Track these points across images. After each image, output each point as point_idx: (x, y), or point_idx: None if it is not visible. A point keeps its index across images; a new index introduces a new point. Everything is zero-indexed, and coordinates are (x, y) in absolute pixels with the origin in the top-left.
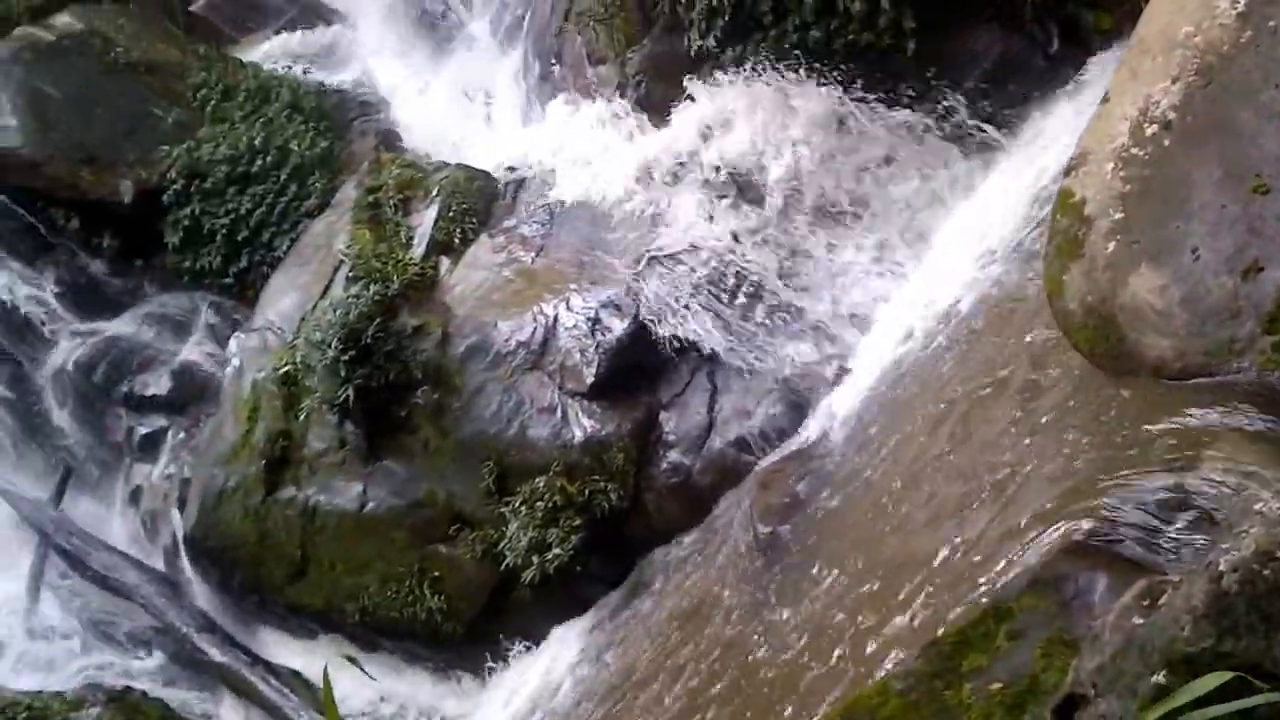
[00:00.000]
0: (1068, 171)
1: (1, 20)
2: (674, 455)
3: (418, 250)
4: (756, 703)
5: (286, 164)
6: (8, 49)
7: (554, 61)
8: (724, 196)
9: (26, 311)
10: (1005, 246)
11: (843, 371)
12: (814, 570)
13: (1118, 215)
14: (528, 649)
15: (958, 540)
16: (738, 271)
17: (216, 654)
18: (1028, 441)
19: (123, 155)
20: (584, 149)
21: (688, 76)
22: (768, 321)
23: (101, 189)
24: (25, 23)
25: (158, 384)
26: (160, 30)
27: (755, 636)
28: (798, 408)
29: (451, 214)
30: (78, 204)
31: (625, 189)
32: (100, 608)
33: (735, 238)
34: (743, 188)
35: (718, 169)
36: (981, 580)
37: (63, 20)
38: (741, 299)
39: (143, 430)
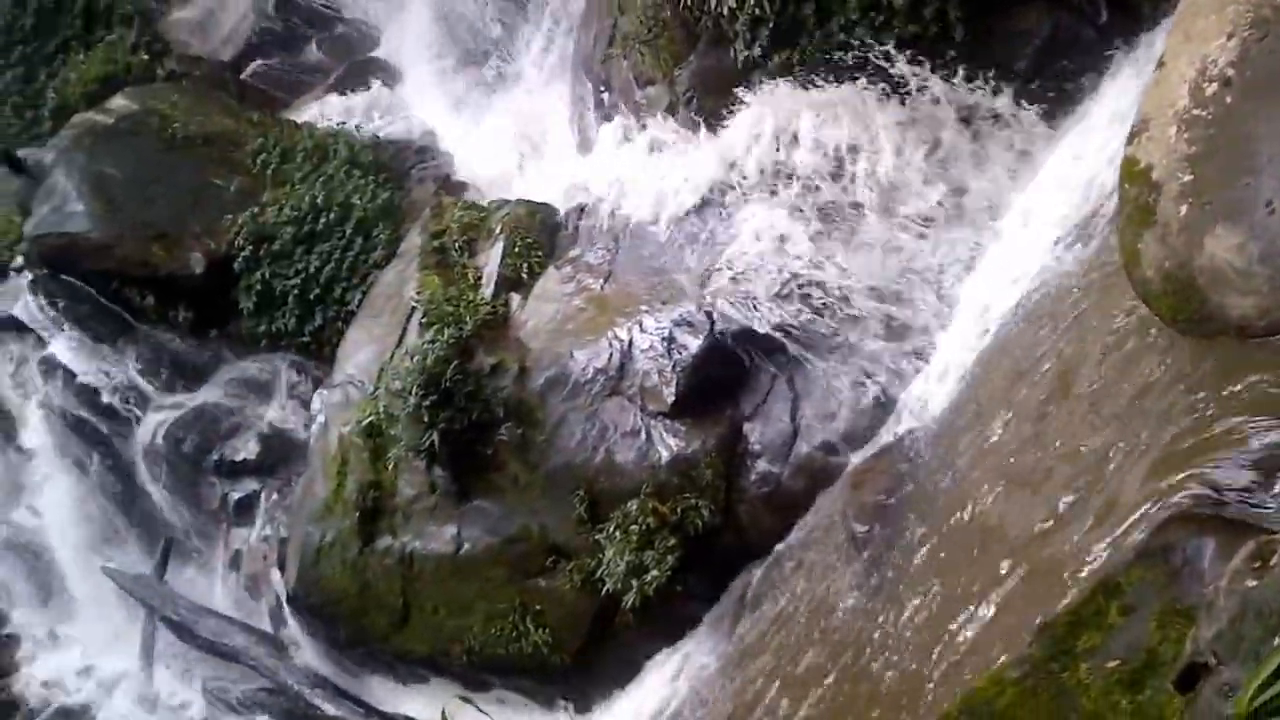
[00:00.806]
0: (1130, 139)
1: (59, 109)
2: (762, 465)
3: (487, 289)
4: (875, 706)
5: (350, 219)
6: (68, 136)
7: (603, 88)
8: (787, 202)
9: (112, 392)
10: (1079, 222)
11: (924, 364)
12: (916, 565)
13: (1186, 178)
14: (637, 673)
15: (1058, 522)
16: (808, 276)
17: (330, 709)
18: (1121, 414)
19: (189, 228)
20: (641, 170)
21: (738, 88)
22: (843, 322)
23: (172, 263)
24: (82, 109)
25: (246, 448)
26: (214, 102)
27: (864, 638)
28: (882, 405)
29: (516, 250)
30: (151, 280)
31: (686, 206)
32: (213, 673)
33: (803, 242)
34: (805, 192)
35: (778, 176)
36: (1086, 559)
37: (118, 103)
38: (814, 303)
39: (236, 495)
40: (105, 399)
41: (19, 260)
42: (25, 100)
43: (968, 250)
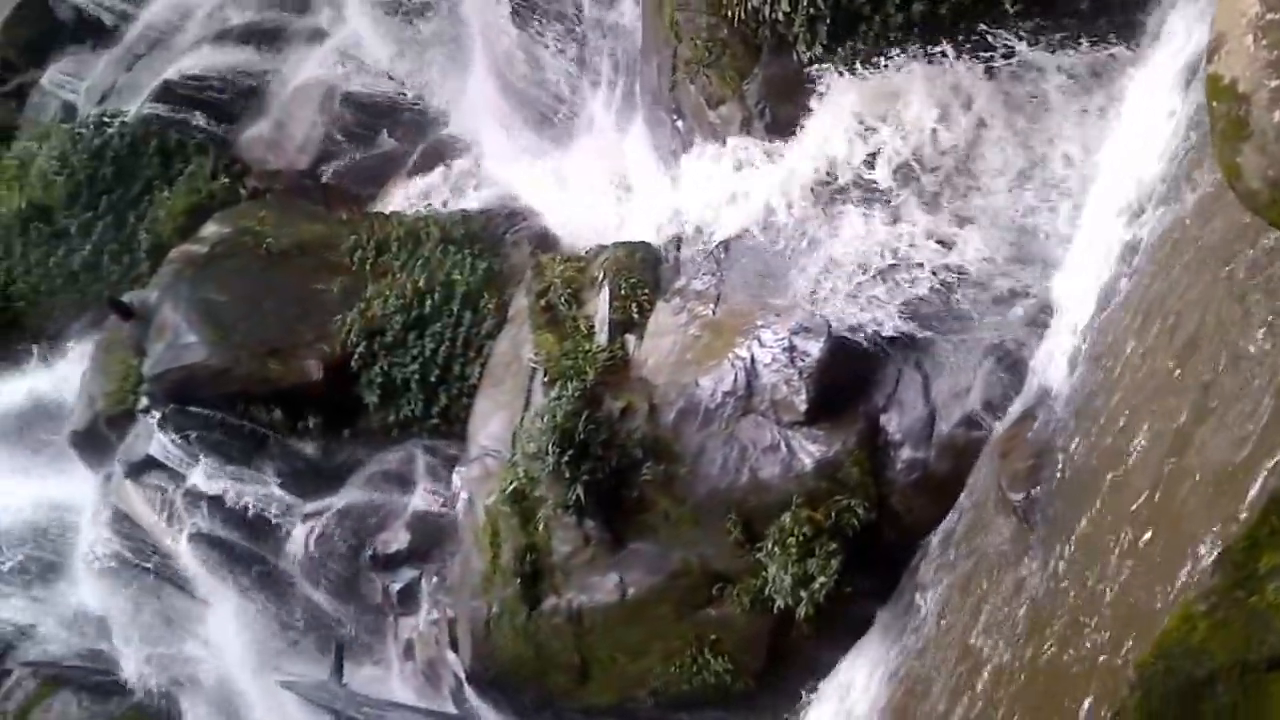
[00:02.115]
0: (1209, 57)
1: (154, 248)
2: (906, 453)
3: (601, 336)
4: (1057, 666)
5: (455, 296)
6: (168, 271)
7: (675, 116)
8: (881, 190)
9: (258, 510)
10: (1171, 152)
11: (1049, 319)
12: (1079, 523)
13: (1274, 83)
14: (824, 681)
15: (1212, 450)
16: (915, 258)
17: None
18: (1254, 330)
19: (302, 337)
20: (729, 189)
21: (808, 89)
22: (960, 296)
23: (291, 375)
24: (176, 243)
25: (398, 539)
26: (301, 210)
27: (1042, 607)
28: (1015, 369)
29: (623, 292)
30: (274, 395)
31: (781, 214)
32: None
33: (903, 226)
34: (896, 176)
35: (866, 166)
36: (1253, 481)
37: (210, 230)
38: (926, 282)
39: (396, 586)
40: (252, 518)
41: (144, 401)
42: (120, 246)
43: (1073, 201)
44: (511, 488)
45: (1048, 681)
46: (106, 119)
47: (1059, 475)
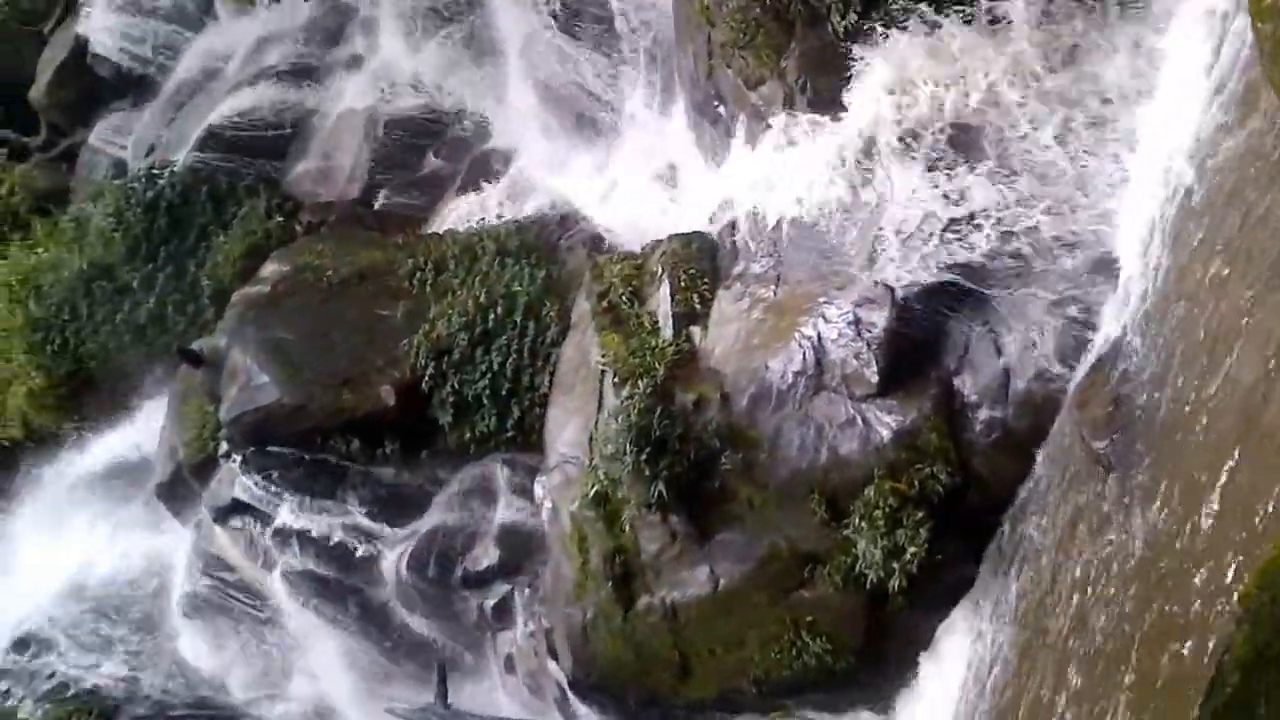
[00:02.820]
0: None
1: (217, 293)
2: (983, 413)
3: (666, 331)
4: (1161, 606)
5: (517, 307)
6: (233, 315)
7: (716, 102)
8: (931, 152)
9: (346, 541)
10: (1224, 75)
11: (1116, 264)
12: (1165, 463)
13: None
14: (927, 652)
15: None
16: (973, 214)
17: None
18: None
19: (371, 365)
20: (778, 168)
21: (847, 59)
22: (1023, 249)
23: (365, 403)
24: (238, 286)
25: (487, 555)
26: (357, 239)
27: (1137, 541)
28: (1084, 319)
29: (683, 284)
30: (350, 425)
31: (833, 187)
32: None
33: (957, 185)
34: (945, 137)
35: (914, 130)
36: None
37: (269, 269)
38: (987, 239)
39: (490, 602)
40: (342, 550)
41: (224, 446)
42: (183, 295)
43: (1127, 139)
44: (594, 492)
45: (1154, 622)
46: (156, 171)
47: (1141, 418)
